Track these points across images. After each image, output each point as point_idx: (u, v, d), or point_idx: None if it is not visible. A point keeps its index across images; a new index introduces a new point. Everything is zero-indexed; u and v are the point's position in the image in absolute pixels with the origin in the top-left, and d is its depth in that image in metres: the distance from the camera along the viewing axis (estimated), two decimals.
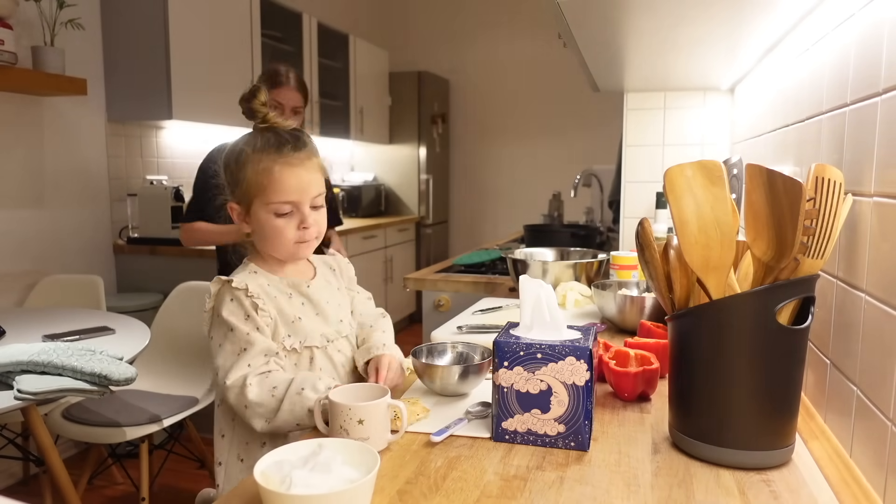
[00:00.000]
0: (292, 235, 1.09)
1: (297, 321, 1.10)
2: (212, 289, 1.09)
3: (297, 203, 1.08)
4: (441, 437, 0.92)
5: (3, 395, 1.41)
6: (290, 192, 1.07)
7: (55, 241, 2.85)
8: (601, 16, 1.16)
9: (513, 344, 0.90)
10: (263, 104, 1.12)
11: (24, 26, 2.59)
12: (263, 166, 1.07)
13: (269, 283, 1.12)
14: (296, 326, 1.10)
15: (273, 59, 4.03)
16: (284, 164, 1.07)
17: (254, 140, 1.10)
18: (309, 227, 1.09)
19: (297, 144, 1.10)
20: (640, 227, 0.96)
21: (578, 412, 0.89)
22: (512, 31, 5.53)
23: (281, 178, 1.06)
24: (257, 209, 1.09)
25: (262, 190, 1.07)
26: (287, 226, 1.08)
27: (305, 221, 1.09)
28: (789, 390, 0.83)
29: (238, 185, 1.10)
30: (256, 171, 1.07)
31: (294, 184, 1.07)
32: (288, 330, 1.10)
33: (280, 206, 1.08)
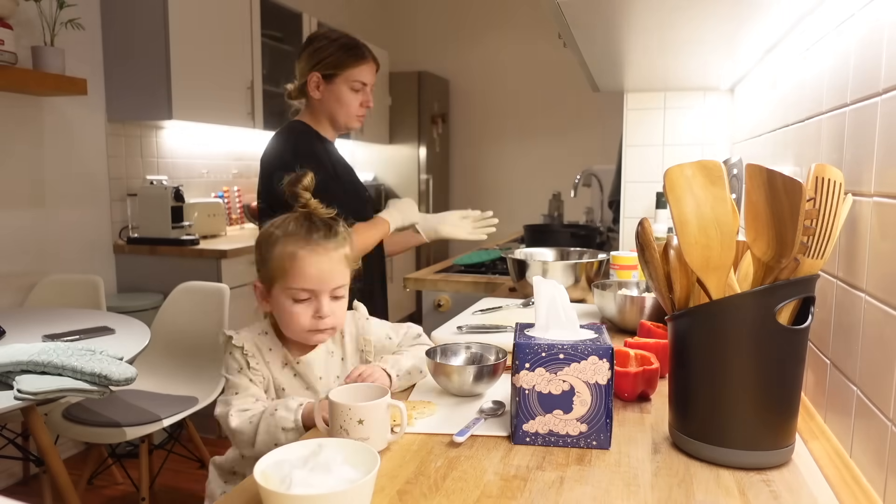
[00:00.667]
0: (306, 323, 1.10)
1: (281, 391, 1.14)
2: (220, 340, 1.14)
3: (316, 292, 1.09)
4: (463, 437, 0.91)
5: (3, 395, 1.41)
6: (309, 279, 1.08)
7: (55, 241, 2.85)
8: (601, 16, 1.16)
9: (534, 345, 0.90)
10: (307, 189, 1.14)
11: (24, 26, 2.59)
12: (289, 250, 1.09)
13: (270, 347, 1.15)
14: (282, 395, 1.13)
15: (273, 59, 4.03)
16: (309, 251, 1.09)
17: (287, 223, 1.12)
18: (324, 318, 1.10)
19: (327, 233, 1.11)
20: (640, 227, 0.96)
21: (600, 411, 0.89)
22: (512, 31, 5.53)
23: (302, 266, 1.08)
24: (277, 292, 1.11)
25: (283, 273, 1.09)
26: (303, 312, 1.10)
27: (321, 311, 1.09)
28: (789, 390, 0.83)
29: (264, 264, 1.13)
30: (282, 254, 1.09)
31: (314, 272, 1.08)
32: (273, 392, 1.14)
33: (298, 293, 1.09)
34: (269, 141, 1.78)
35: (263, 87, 3.74)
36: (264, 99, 3.74)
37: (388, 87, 5.31)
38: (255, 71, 3.63)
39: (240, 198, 3.96)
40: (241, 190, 4.00)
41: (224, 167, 3.89)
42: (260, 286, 1.14)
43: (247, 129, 3.66)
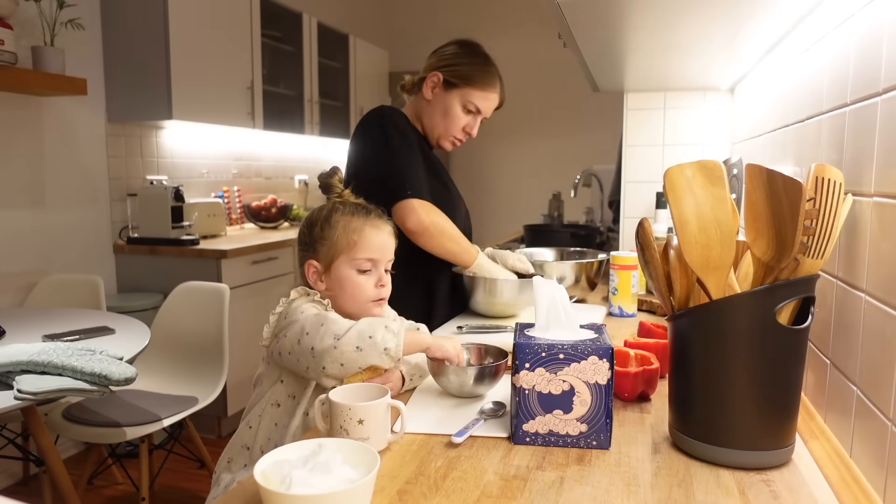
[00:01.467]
0: (371, 293, 1.17)
1: None
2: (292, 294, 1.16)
3: (377, 261, 1.18)
4: (462, 437, 0.91)
5: (3, 395, 1.41)
6: (374, 249, 1.17)
7: (55, 241, 2.85)
8: (601, 16, 1.16)
9: (534, 345, 0.90)
10: (341, 181, 1.25)
11: (24, 26, 2.59)
12: (354, 226, 1.17)
13: None
14: None
15: (273, 59, 4.04)
16: (372, 225, 1.18)
17: (337, 208, 1.21)
18: (385, 286, 1.19)
19: (379, 213, 1.22)
20: (640, 227, 0.96)
21: (600, 411, 0.89)
22: (512, 31, 5.52)
23: (370, 237, 1.17)
24: (340, 265, 1.17)
25: (350, 247, 1.16)
26: (367, 282, 1.17)
27: (382, 280, 1.18)
28: (789, 390, 0.83)
29: (323, 242, 1.18)
30: (347, 229, 1.17)
31: (379, 243, 1.18)
32: None
33: (363, 263, 1.17)
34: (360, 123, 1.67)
35: (263, 87, 3.74)
36: (264, 99, 3.74)
37: (389, 87, 5.31)
38: (255, 71, 3.63)
39: (240, 198, 3.96)
40: (241, 190, 4.00)
41: (224, 167, 3.89)
42: (316, 266, 1.18)
43: (247, 129, 3.66)
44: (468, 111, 1.65)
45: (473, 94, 1.64)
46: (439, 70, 1.65)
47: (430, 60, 1.69)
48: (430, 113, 1.68)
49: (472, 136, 1.71)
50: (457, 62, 1.64)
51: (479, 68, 1.64)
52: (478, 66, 1.65)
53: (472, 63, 1.65)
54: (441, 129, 1.68)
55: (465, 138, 1.71)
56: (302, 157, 4.72)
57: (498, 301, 1.58)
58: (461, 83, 1.63)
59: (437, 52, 1.70)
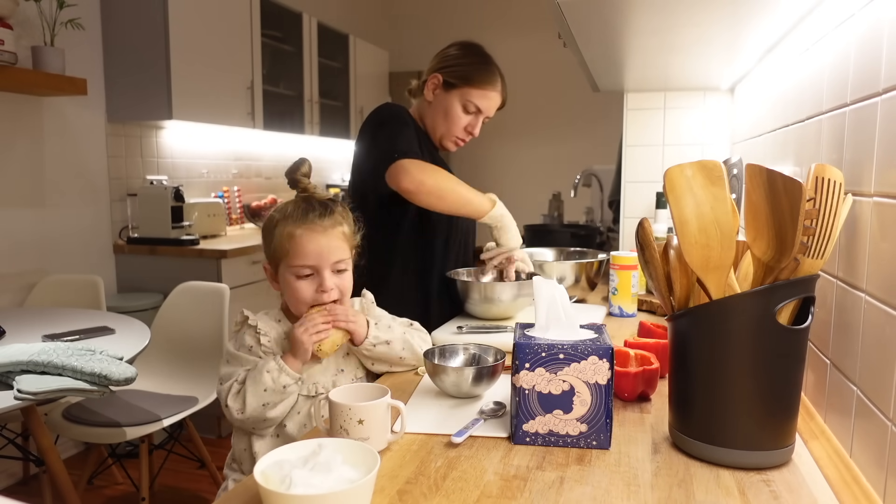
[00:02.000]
0: (309, 297, 1.15)
1: None
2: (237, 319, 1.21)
3: (317, 267, 1.15)
4: (461, 437, 0.91)
5: (3, 395, 1.41)
6: (308, 256, 1.14)
7: (55, 241, 2.85)
8: (601, 16, 1.16)
9: (534, 345, 0.90)
10: (305, 175, 1.21)
11: (24, 26, 2.59)
12: (289, 231, 1.15)
13: (286, 330, 1.19)
14: None
15: (273, 59, 4.03)
16: (306, 230, 1.14)
17: (286, 207, 1.19)
18: (327, 291, 1.15)
19: (323, 213, 1.17)
20: (640, 227, 0.96)
21: (600, 411, 0.89)
22: (512, 30, 5.52)
23: (301, 244, 1.14)
24: (283, 271, 1.17)
25: (285, 253, 1.15)
26: (307, 288, 1.15)
27: (323, 285, 1.15)
28: (789, 390, 0.83)
29: (269, 246, 1.19)
30: (283, 236, 1.15)
31: (313, 249, 1.14)
32: None
33: (299, 269, 1.15)
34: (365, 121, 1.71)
35: (263, 87, 3.74)
36: (264, 99, 3.74)
37: (389, 87, 5.31)
38: (255, 71, 3.63)
39: (240, 198, 3.96)
40: (241, 190, 4.00)
41: (224, 167, 3.89)
42: (269, 268, 1.21)
43: (247, 129, 3.66)
44: (468, 111, 1.66)
45: (473, 93, 1.64)
46: (439, 71, 1.67)
47: (431, 63, 1.72)
48: (432, 114, 1.70)
49: (474, 135, 1.71)
50: (456, 63, 1.66)
51: (477, 68, 1.65)
52: (476, 65, 1.65)
53: (471, 63, 1.65)
54: (443, 130, 1.70)
55: (468, 138, 1.71)
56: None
57: (494, 306, 1.55)
58: (460, 83, 1.64)
59: (438, 55, 1.72)
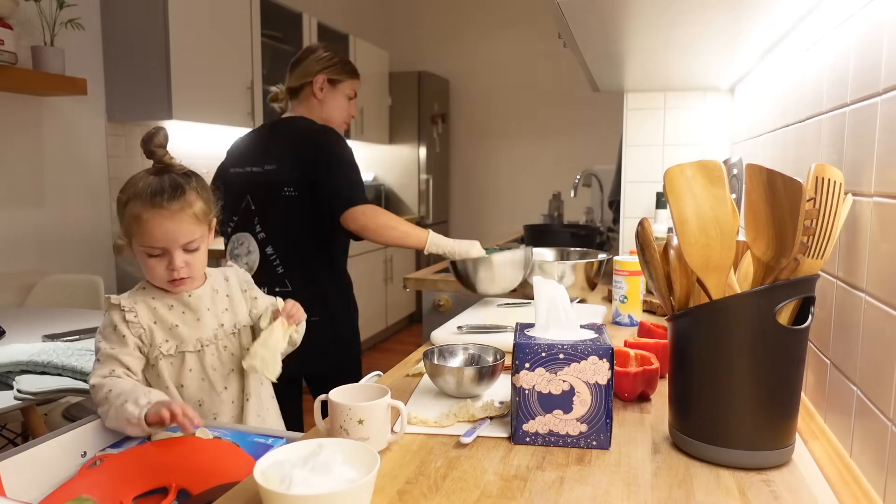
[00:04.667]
0: (162, 274, 1.15)
1: (173, 328, 1.18)
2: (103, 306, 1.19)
3: (165, 248, 1.14)
4: (470, 437, 0.91)
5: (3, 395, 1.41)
6: (156, 239, 1.13)
7: (55, 241, 2.85)
8: (601, 16, 1.16)
9: (534, 345, 0.90)
10: (160, 145, 1.17)
11: (24, 26, 2.59)
12: (135, 212, 1.13)
13: (153, 296, 1.19)
14: (173, 332, 1.18)
15: (273, 59, 4.03)
16: (154, 213, 1.12)
17: (136, 182, 1.15)
18: (176, 269, 1.14)
19: (173, 194, 1.13)
20: (640, 227, 0.96)
21: (600, 411, 0.89)
22: (512, 31, 5.53)
23: (148, 228, 1.12)
24: (134, 247, 1.17)
25: (133, 234, 1.14)
26: (158, 265, 1.15)
27: (172, 264, 1.14)
28: (789, 390, 0.83)
29: (120, 222, 1.17)
30: (130, 215, 1.13)
31: (160, 233, 1.13)
32: (166, 335, 1.17)
33: (150, 249, 1.14)
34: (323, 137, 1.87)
35: (263, 87, 3.74)
36: (264, 99, 3.74)
37: (389, 87, 5.31)
38: (255, 71, 3.63)
39: None
40: None
41: None
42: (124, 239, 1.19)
43: (247, 130, 3.65)
44: (349, 98, 2.01)
45: (352, 83, 1.99)
46: (321, 73, 1.92)
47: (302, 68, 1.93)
48: (327, 110, 1.96)
49: (354, 116, 2.08)
50: (332, 63, 1.94)
51: (346, 63, 1.97)
52: (345, 61, 1.97)
53: (341, 60, 1.97)
54: (338, 120, 2.00)
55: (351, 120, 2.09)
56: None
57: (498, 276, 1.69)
58: (342, 78, 1.95)
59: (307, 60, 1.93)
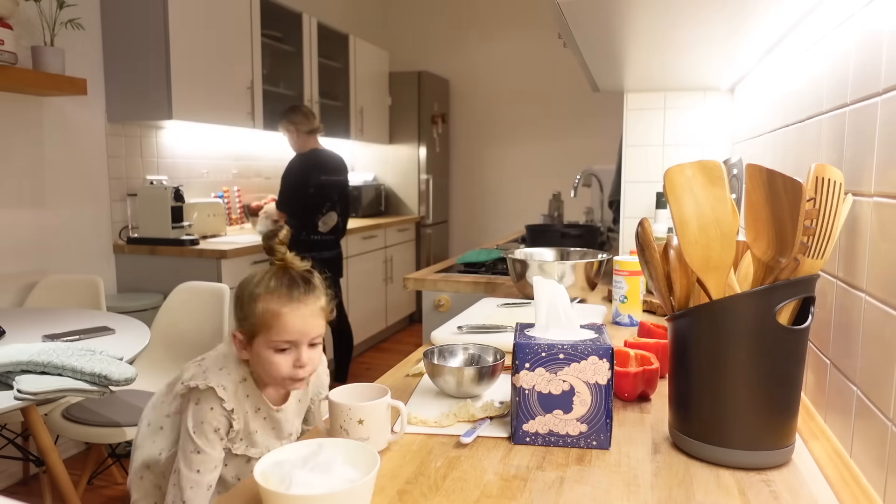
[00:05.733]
0: (287, 372, 1.14)
1: (253, 434, 1.18)
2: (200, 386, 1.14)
3: (296, 342, 1.14)
4: (470, 438, 0.91)
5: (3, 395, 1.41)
6: (291, 333, 1.13)
7: (55, 241, 2.85)
8: (601, 16, 1.16)
9: (534, 345, 0.90)
10: (283, 242, 1.18)
11: (24, 26, 2.59)
12: (272, 308, 1.13)
13: (248, 394, 1.18)
14: (251, 437, 1.18)
15: (273, 59, 4.03)
16: (292, 308, 1.13)
17: (268, 280, 1.16)
18: (304, 366, 1.15)
19: (307, 288, 1.16)
20: (640, 227, 0.96)
21: (600, 411, 0.89)
22: (512, 31, 5.53)
23: (286, 322, 1.13)
24: (258, 343, 1.15)
25: (266, 329, 1.13)
26: (283, 361, 1.14)
27: (300, 360, 1.14)
28: (789, 390, 0.83)
29: (246, 319, 1.16)
30: (265, 311, 1.13)
31: (298, 326, 1.13)
32: (243, 436, 1.18)
33: (279, 344, 1.14)
34: None
35: (263, 87, 3.74)
36: (264, 99, 3.74)
37: (389, 87, 5.31)
38: (255, 71, 3.63)
39: (240, 198, 3.96)
40: (241, 190, 4.00)
41: (224, 167, 3.89)
42: (240, 337, 1.18)
43: (247, 129, 3.66)
44: None
45: None
46: None
47: None
48: None
49: None
50: None
51: None
52: None
53: None
54: None
55: None
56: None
57: None
58: None
59: None
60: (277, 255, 1.18)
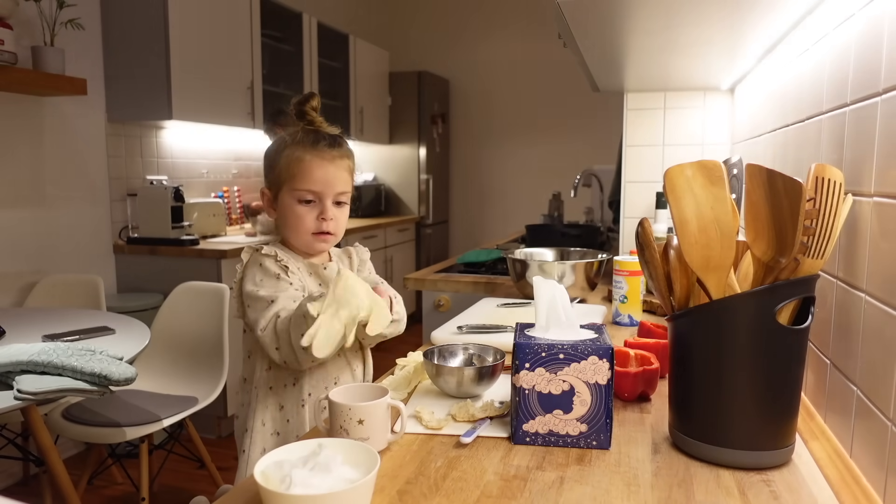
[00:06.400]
0: (311, 225, 1.16)
1: None
2: (243, 257, 1.17)
3: (321, 194, 1.15)
4: (470, 437, 0.91)
5: (3, 395, 1.41)
6: (315, 181, 1.14)
7: (55, 241, 2.85)
8: (601, 16, 1.16)
9: (534, 345, 0.90)
10: (314, 108, 1.19)
11: (24, 26, 2.59)
12: (297, 155, 1.15)
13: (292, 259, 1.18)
14: None
15: (273, 59, 4.03)
16: (315, 155, 1.15)
17: (296, 133, 1.18)
18: (328, 220, 1.16)
19: (332, 142, 1.17)
20: (640, 227, 0.96)
21: (600, 411, 0.89)
22: (512, 31, 5.53)
23: (310, 168, 1.14)
24: (284, 194, 1.16)
25: (291, 177, 1.15)
26: (308, 214, 1.15)
27: (325, 213, 1.16)
28: (789, 390, 0.83)
29: (272, 170, 1.18)
30: (290, 158, 1.15)
31: (320, 175, 1.14)
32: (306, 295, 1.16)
33: (304, 194, 1.15)
34: None
35: (263, 87, 3.74)
36: (264, 99, 3.74)
37: (389, 87, 5.31)
38: (255, 71, 3.63)
39: (240, 198, 3.96)
40: (241, 190, 4.00)
41: (224, 167, 3.89)
42: (267, 193, 1.19)
43: (247, 129, 3.66)
44: None
45: None
46: None
47: None
48: None
49: None
50: None
51: None
52: None
53: None
54: None
55: None
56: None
57: None
58: None
59: None
60: (307, 118, 1.18)
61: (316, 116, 1.19)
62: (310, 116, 1.18)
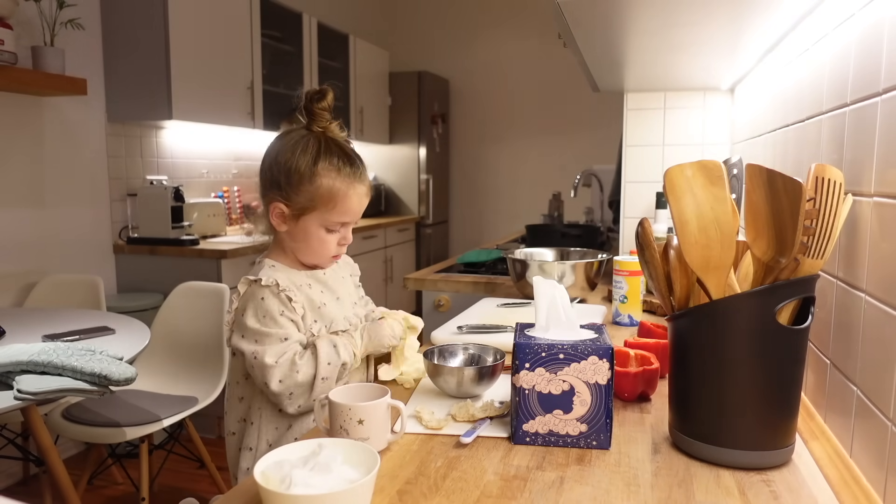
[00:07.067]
0: (333, 250, 1.15)
1: (322, 307, 1.16)
2: (240, 289, 1.11)
3: (350, 223, 1.15)
4: (470, 437, 0.91)
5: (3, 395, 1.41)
6: (352, 214, 1.13)
7: (55, 241, 2.85)
8: (601, 16, 1.16)
9: (534, 345, 0.90)
10: (326, 109, 1.10)
11: (24, 26, 2.59)
12: (339, 187, 1.09)
13: (288, 276, 1.15)
14: (322, 312, 1.16)
15: (273, 59, 4.03)
16: (356, 191, 1.11)
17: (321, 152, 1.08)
18: (345, 244, 1.17)
19: (362, 166, 1.13)
20: (640, 227, 0.96)
21: (600, 411, 0.89)
22: (512, 31, 5.53)
23: (349, 202, 1.10)
24: (311, 219, 1.11)
25: (326, 206, 1.09)
26: (333, 240, 1.15)
27: (347, 238, 1.16)
28: (789, 390, 0.83)
29: (301, 193, 1.08)
30: (332, 188, 1.08)
31: (358, 209, 1.13)
32: (315, 315, 1.15)
33: (336, 225, 1.13)
34: None
35: (263, 87, 3.74)
36: (264, 99, 3.74)
37: (389, 87, 5.31)
38: (255, 71, 3.63)
39: (240, 198, 3.96)
40: (241, 190, 3.99)
41: (224, 167, 3.89)
42: (284, 209, 1.10)
43: (247, 129, 3.66)
44: None
45: None
46: None
47: None
48: None
49: None
50: None
51: None
52: None
53: None
54: None
55: None
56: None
57: None
58: None
59: None
60: (319, 122, 1.09)
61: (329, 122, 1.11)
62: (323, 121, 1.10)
